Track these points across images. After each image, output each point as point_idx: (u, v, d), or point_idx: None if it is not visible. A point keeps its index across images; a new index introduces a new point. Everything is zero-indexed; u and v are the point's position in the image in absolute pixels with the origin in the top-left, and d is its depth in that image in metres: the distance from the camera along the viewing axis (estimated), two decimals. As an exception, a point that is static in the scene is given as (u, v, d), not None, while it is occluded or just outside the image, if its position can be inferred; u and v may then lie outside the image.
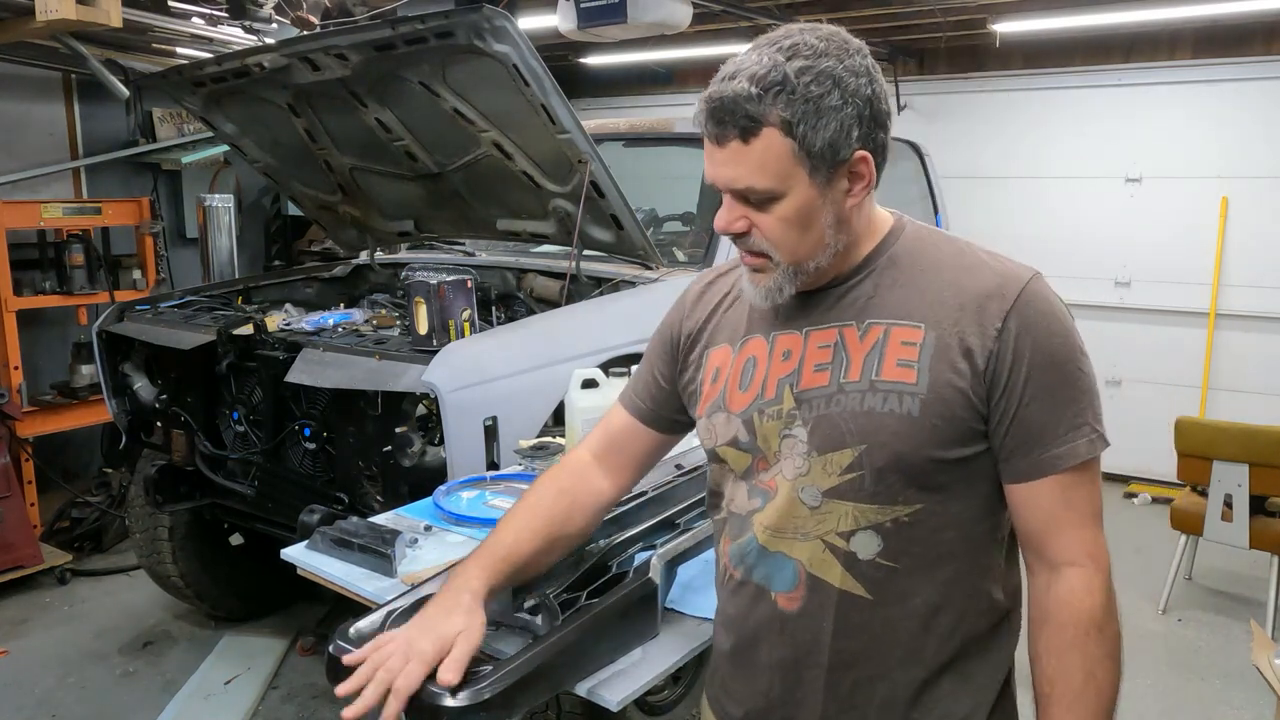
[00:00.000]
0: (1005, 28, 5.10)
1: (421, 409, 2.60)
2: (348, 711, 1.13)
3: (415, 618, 1.25)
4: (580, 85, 7.18)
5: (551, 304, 3.25)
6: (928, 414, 1.10)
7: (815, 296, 1.20)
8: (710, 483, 1.34)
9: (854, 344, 1.15)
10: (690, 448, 2.17)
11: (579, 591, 1.47)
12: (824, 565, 1.16)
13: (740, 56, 1.10)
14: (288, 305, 3.45)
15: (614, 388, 2.19)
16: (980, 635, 1.19)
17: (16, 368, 4.36)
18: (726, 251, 3.38)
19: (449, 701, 1.15)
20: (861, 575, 1.15)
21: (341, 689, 1.17)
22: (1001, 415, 1.11)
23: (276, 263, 6.26)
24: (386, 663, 1.16)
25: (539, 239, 3.44)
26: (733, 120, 1.07)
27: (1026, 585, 1.21)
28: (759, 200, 1.11)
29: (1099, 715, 1.12)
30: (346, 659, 1.20)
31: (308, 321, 3.13)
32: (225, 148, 4.93)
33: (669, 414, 1.40)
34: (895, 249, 1.19)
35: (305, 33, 3.88)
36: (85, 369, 4.54)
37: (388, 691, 1.14)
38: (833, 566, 1.15)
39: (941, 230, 1.25)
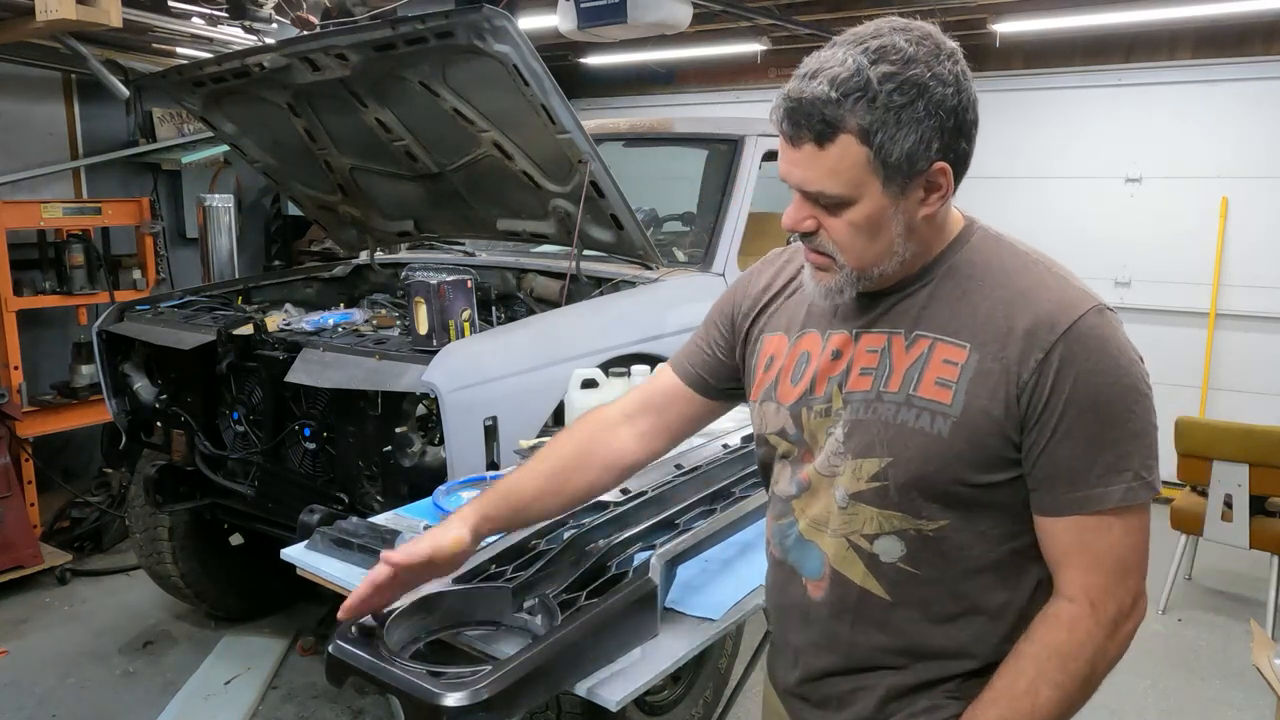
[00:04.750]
0: (1005, 28, 5.10)
1: (421, 409, 2.60)
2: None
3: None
4: (580, 85, 7.18)
5: (551, 304, 3.25)
6: (957, 437, 1.08)
7: (874, 298, 1.18)
8: (759, 460, 1.37)
9: (899, 354, 1.14)
10: (691, 447, 2.17)
11: (579, 591, 1.47)
12: (847, 562, 1.18)
13: (823, 53, 1.05)
14: (288, 305, 3.45)
15: (614, 388, 2.19)
16: (997, 639, 1.17)
17: (16, 368, 4.36)
18: (727, 252, 3.38)
19: (449, 701, 1.15)
20: (882, 577, 1.16)
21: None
22: (1031, 447, 1.07)
23: (276, 263, 6.25)
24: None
25: (539, 239, 3.44)
26: (809, 123, 1.04)
27: None
28: (829, 204, 1.09)
29: None
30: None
31: (308, 321, 3.13)
32: (225, 148, 4.92)
33: (719, 384, 1.42)
34: (957, 258, 1.15)
35: (305, 33, 3.88)
36: (85, 369, 4.53)
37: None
38: (855, 564, 1.17)
39: (1012, 239, 1.18)
